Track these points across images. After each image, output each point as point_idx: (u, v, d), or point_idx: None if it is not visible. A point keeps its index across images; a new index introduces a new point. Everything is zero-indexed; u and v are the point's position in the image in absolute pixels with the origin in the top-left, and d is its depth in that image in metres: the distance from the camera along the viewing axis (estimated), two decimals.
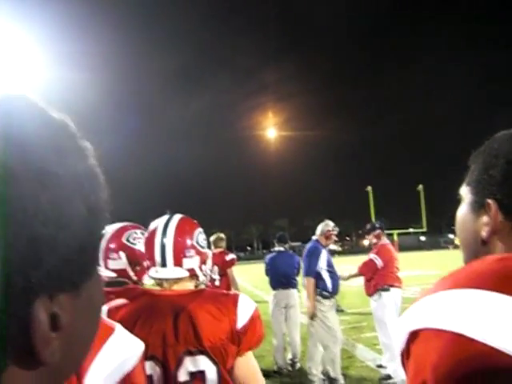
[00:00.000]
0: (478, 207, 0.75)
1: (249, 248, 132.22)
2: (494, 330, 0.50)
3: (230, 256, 6.17)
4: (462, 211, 0.80)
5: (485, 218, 0.73)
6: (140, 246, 1.94)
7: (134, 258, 1.95)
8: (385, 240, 5.77)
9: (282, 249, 6.20)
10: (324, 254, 5.15)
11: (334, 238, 5.46)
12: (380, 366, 5.50)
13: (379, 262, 5.47)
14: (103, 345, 0.73)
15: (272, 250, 6.67)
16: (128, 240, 1.97)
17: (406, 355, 0.60)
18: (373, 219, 39.27)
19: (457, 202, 0.83)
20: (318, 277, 5.04)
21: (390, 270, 5.49)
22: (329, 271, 5.09)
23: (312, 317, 4.99)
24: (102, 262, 1.94)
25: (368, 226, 5.88)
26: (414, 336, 0.58)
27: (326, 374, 5.01)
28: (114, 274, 1.95)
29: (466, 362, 0.50)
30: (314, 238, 5.40)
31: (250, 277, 22.26)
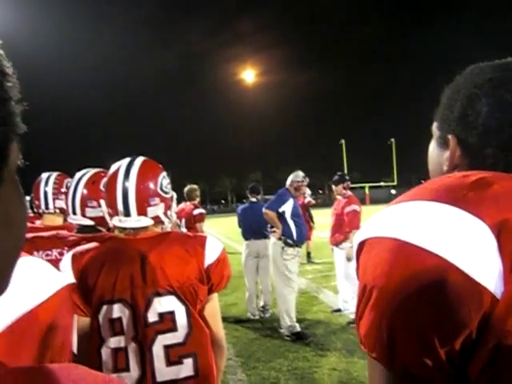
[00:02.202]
0: (442, 142, 0.76)
1: (223, 201, 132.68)
2: (427, 234, 0.53)
3: (198, 211, 6.15)
4: (431, 146, 0.81)
5: (446, 153, 0.74)
6: None
7: None
8: (349, 192, 5.90)
9: (254, 200, 6.24)
10: (290, 202, 5.23)
11: (305, 189, 5.56)
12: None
13: (359, 209, 5.64)
14: None
15: (245, 201, 6.70)
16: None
17: (356, 266, 0.63)
18: (346, 173, 39.61)
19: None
20: (284, 223, 5.16)
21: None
22: (294, 220, 5.19)
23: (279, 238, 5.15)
24: (78, 211, 1.90)
25: (337, 177, 5.90)
26: (361, 246, 0.61)
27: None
28: (91, 222, 1.91)
29: (400, 262, 0.54)
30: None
31: (224, 229, 22.48)
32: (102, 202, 1.87)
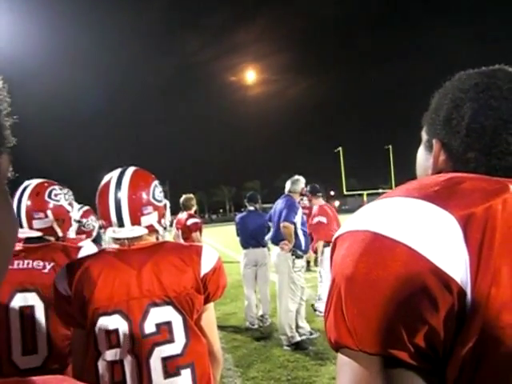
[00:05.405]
0: (429, 146, 0.77)
1: (221, 210, 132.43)
2: (396, 225, 0.55)
3: (192, 220, 6.09)
4: (419, 151, 0.82)
5: (431, 157, 0.75)
6: (63, 202, 1.96)
7: (61, 215, 1.94)
8: (321, 201, 6.57)
9: (252, 208, 6.23)
10: (300, 211, 5.16)
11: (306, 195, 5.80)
12: None
13: (324, 220, 6.23)
14: None
15: (243, 209, 6.68)
16: (51, 197, 1.92)
17: (330, 263, 0.64)
18: (343, 180, 39.66)
19: None
20: (294, 235, 5.01)
21: (332, 227, 6.15)
22: (302, 230, 5.13)
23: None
24: (25, 224, 1.85)
25: (310, 189, 6.40)
26: (335, 242, 0.63)
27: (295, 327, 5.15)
28: (39, 234, 1.88)
29: (368, 251, 0.55)
30: (286, 193, 5.34)
31: (222, 238, 22.43)
32: (49, 212, 1.87)
